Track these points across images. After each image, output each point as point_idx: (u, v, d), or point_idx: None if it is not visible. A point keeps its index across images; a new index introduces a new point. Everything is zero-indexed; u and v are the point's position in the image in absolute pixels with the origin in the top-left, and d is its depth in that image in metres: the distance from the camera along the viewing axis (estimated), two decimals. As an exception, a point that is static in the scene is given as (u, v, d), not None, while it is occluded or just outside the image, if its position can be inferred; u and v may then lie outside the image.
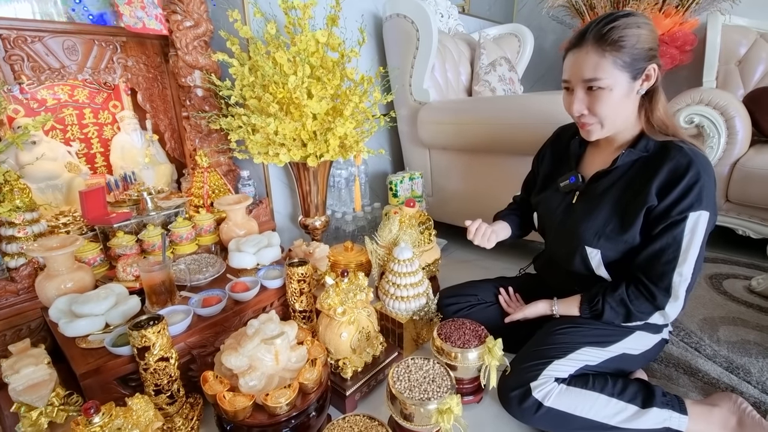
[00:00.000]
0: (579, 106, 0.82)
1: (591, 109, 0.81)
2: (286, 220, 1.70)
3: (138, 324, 0.75)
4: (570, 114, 0.87)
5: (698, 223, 0.76)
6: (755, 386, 0.95)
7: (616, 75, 0.77)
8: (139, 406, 0.62)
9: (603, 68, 0.76)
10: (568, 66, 0.82)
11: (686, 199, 0.75)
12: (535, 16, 2.86)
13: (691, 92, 1.55)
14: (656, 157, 0.81)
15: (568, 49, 0.83)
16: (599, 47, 0.76)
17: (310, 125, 1.19)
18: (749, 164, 1.53)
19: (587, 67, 0.78)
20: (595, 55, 0.77)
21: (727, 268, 1.55)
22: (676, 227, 0.76)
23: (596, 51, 0.76)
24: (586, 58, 0.78)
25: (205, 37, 1.33)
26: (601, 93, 0.78)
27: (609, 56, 0.75)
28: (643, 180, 0.81)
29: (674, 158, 0.78)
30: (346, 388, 0.91)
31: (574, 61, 0.80)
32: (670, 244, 0.77)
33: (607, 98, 0.78)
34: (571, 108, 0.84)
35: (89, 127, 1.44)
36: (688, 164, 0.76)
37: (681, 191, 0.75)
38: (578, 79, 0.80)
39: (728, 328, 1.18)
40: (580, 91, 0.81)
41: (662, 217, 0.78)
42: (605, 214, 0.85)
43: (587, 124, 0.84)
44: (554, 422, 0.80)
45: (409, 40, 1.69)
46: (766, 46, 2.03)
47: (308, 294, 1.05)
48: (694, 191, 0.75)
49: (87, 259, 1.07)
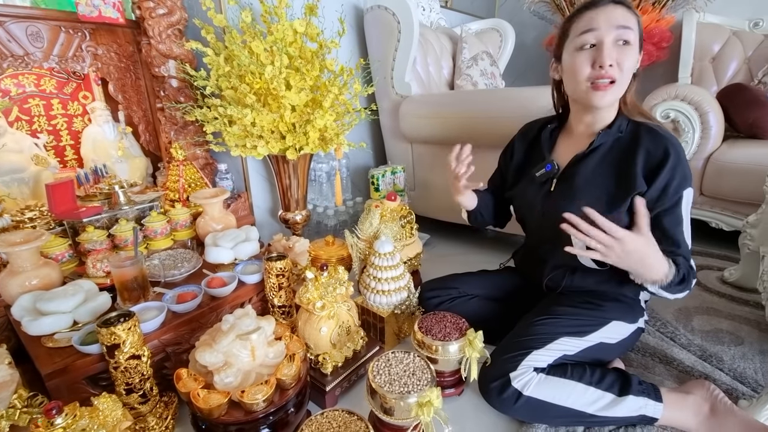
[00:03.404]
0: (610, 53, 0.79)
1: (619, 63, 0.80)
2: (265, 215, 1.67)
3: (107, 321, 0.72)
4: (585, 74, 0.81)
5: (689, 199, 0.81)
6: (727, 373, 0.98)
7: (637, 36, 0.80)
8: (105, 406, 0.60)
9: (633, 22, 0.79)
10: (594, 17, 0.80)
11: (675, 180, 0.79)
12: (516, 11, 2.88)
13: (667, 88, 1.58)
14: (633, 137, 0.84)
15: (584, 9, 0.82)
16: (624, 6, 0.79)
17: (289, 117, 1.17)
18: (722, 158, 1.57)
19: (620, 15, 0.79)
20: (624, 10, 0.79)
21: (701, 260, 1.59)
22: (677, 207, 0.80)
23: (623, 8, 0.79)
24: (616, 9, 0.79)
25: (179, 25, 1.29)
26: (629, 48, 0.80)
27: (634, 17, 0.80)
28: (625, 162, 0.83)
29: (652, 140, 0.81)
30: (326, 384, 0.90)
31: (602, 12, 0.80)
32: (677, 224, 0.81)
33: (633, 55, 0.80)
34: (601, 57, 0.78)
35: (58, 119, 1.38)
36: (668, 147, 0.80)
37: (668, 173, 0.79)
38: (611, 25, 0.78)
39: (702, 318, 1.21)
40: (610, 40, 0.79)
41: (659, 200, 0.80)
42: (589, 196, 0.86)
43: (610, 80, 0.80)
44: (533, 411, 0.81)
45: (391, 32, 1.68)
46: (738, 43, 2.08)
47: (287, 289, 1.03)
48: (679, 171, 0.79)
49: (54, 255, 1.02)
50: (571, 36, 0.85)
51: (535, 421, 0.84)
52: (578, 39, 0.82)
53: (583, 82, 0.83)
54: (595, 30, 0.80)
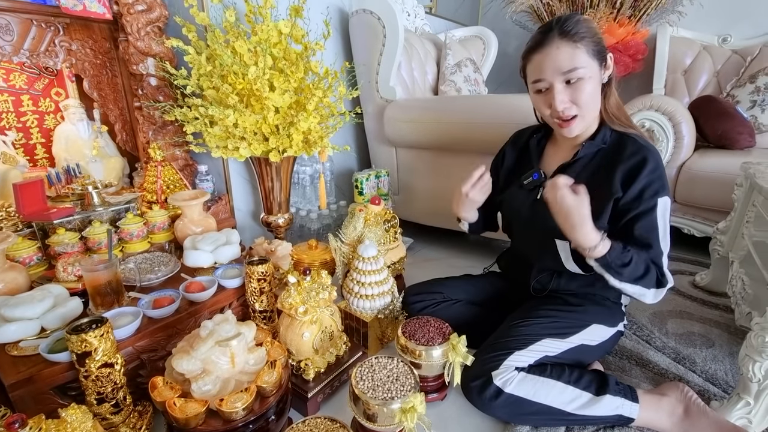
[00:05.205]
0: (562, 98, 0.81)
1: (574, 102, 0.82)
2: (247, 218, 1.64)
3: (78, 327, 0.69)
4: (546, 114, 0.86)
5: (666, 208, 0.82)
6: (699, 375, 1.01)
7: (590, 63, 0.80)
8: (74, 418, 0.57)
9: (579, 58, 0.79)
10: (540, 64, 0.82)
11: (651, 186, 0.81)
12: (499, 20, 2.93)
13: (642, 98, 1.64)
14: (615, 148, 0.86)
15: (532, 51, 0.84)
16: (569, 40, 0.79)
17: (272, 119, 1.15)
18: (694, 167, 1.63)
19: (564, 59, 0.79)
20: (568, 48, 0.79)
21: (674, 265, 1.64)
22: (651, 213, 0.81)
23: (568, 44, 0.79)
24: (559, 52, 0.79)
25: (159, 22, 1.25)
26: (581, 84, 0.80)
27: (581, 46, 0.79)
28: (607, 171, 0.85)
29: (632, 149, 0.83)
30: (308, 390, 0.88)
31: (547, 57, 0.81)
32: (651, 230, 0.81)
33: (587, 88, 0.81)
34: (554, 104, 0.82)
35: (28, 116, 1.32)
36: (647, 155, 0.82)
37: (645, 178, 0.81)
38: (557, 72, 0.80)
39: (675, 321, 1.24)
40: (559, 85, 0.81)
41: (634, 204, 0.82)
42: None
43: (570, 119, 0.84)
44: (513, 409, 0.82)
45: (376, 37, 1.68)
46: (708, 57, 2.18)
47: (269, 293, 1.01)
48: (657, 178, 0.81)
49: (21, 258, 0.98)
50: (528, 79, 0.88)
51: (515, 420, 0.85)
52: (533, 85, 0.86)
53: (550, 119, 0.87)
54: (544, 80, 0.83)
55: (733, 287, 1.12)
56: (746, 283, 1.05)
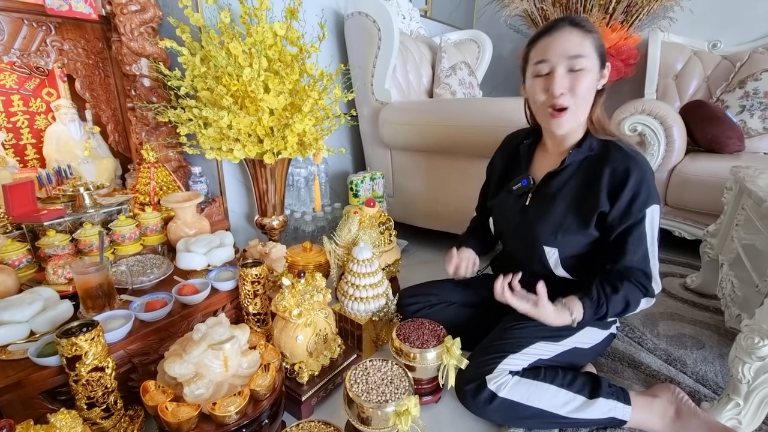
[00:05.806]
0: (562, 82, 0.80)
1: (572, 90, 0.81)
2: (241, 220, 1.63)
3: (68, 331, 0.68)
4: (541, 100, 0.85)
5: (654, 216, 0.82)
6: (690, 376, 1.02)
7: (594, 59, 0.81)
8: (63, 423, 0.56)
9: (586, 47, 0.79)
10: (547, 47, 0.81)
11: (639, 198, 0.81)
12: (494, 24, 2.95)
13: (634, 103, 1.66)
14: (601, 156, 0.86)
15: (540, 36, 0.84)
16: (580, 29, 0.79)
17: (267, 120, 1.15)
18: (685, 171, 1.65)
19: (572, 44, 0.79)
20: (578, 35, 0.79)
21: (665, 267, 1.66)
22: (641, 224, 0.82)
23: (578, 32, 0.79)
24: (569, 37, 0.80)
25: (153, 23, 1.25)
26: (582, 74, 0.80)
27: (589, 37, 0.80)
28: (593, 180, 0.85)
29: (617, 159, 0.83)
30: (302, 393, 0.88)
31: (555, 40, 0.81)
32: (640, 240, 0.82)
33: (586, 80, 0.80)
34: (552, 87, 0.81)
35: (18, 116, 1.30)
36: (630, 165, 0.81)
37: (631, 191, 0.81)
38: (562, 56, 0.80)
39: (667, 323, 1.26)
40: (561, 70, 0.80)
41: (623, 218, 0.82)
42: (560, 212, 0.88)
43: (564, 109, 0.82)
44: (507, 413, 0.82)
45: (371, 39, 1.68)
46: (699, 63, 2.21)
47: (263, 296, 1.00)
48: (643, 189, 0.80)
49: (11, 261, 0.96)
50: (530, 62, 0.87)
51: (510, 423, 0.85)
52: (534, 67, 0.85)
53: (542, 108, 0.86)
54: (548, 61, 0.82)
55: (722, 289, 1.14)
56: (736, 285, 1.06)
